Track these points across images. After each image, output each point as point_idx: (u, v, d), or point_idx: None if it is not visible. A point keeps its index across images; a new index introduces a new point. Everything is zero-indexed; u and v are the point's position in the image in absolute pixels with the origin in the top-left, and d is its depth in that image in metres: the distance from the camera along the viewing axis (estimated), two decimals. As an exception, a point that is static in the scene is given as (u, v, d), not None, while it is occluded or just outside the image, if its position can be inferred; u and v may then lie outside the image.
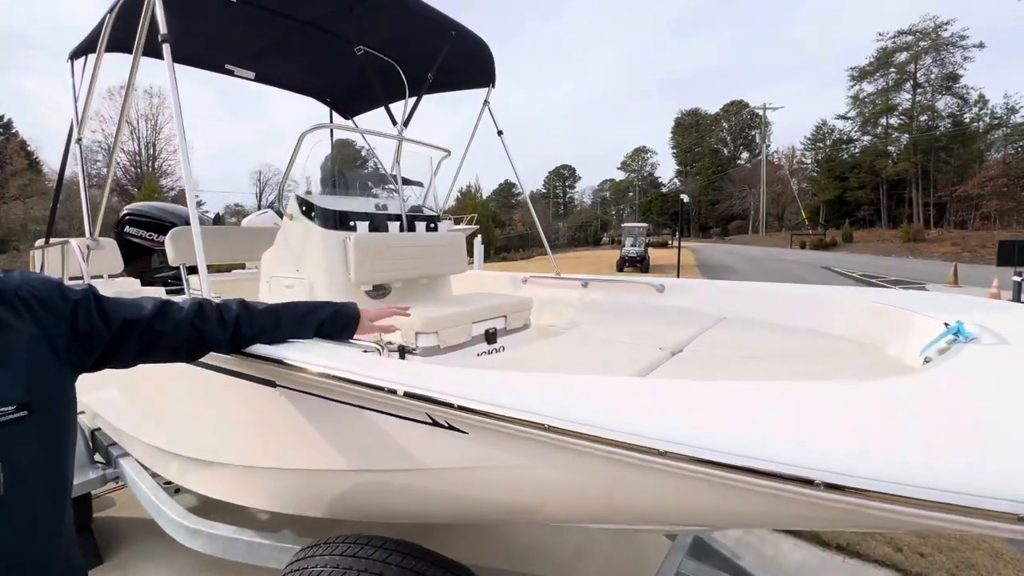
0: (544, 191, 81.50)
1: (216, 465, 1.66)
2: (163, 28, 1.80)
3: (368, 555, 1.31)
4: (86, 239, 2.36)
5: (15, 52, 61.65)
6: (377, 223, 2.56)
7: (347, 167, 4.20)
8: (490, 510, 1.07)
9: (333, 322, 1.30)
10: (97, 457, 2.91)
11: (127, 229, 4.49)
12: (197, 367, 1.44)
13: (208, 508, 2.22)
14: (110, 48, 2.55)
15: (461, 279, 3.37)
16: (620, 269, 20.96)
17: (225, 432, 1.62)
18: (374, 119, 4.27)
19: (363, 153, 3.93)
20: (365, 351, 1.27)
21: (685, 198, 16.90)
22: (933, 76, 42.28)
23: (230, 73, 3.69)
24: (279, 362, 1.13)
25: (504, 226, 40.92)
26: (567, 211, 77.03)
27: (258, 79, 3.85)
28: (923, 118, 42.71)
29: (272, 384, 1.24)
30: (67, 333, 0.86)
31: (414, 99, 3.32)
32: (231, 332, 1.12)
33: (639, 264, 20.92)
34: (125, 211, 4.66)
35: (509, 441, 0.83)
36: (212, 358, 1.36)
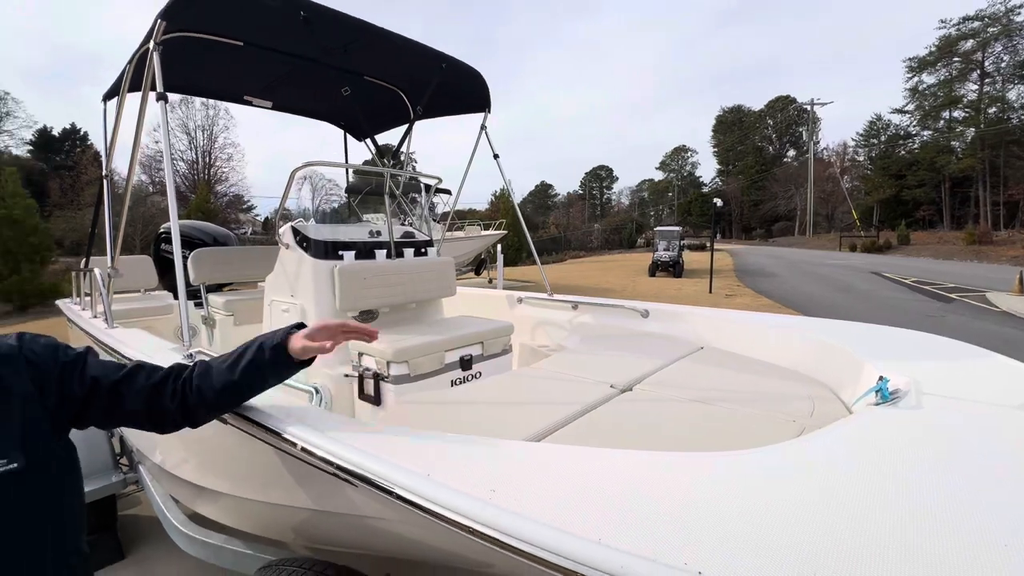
0: (581, 192, 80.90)
1: (196, 487, 1.82)
2: (160, 87, 2.00)
3: (309, 579, 1.42)
4: (108, 267, 2.61)
5: (88, 69, 67.49)
6: (365, 251, 2.70)
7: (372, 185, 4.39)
8: (381, 549, 1.16)
9: (260, 359, 1.13)
10: (124, 460, 3.20)
11: (163, 246, 4.86)
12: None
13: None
14: (131, 90, 2.82)
15: (458, 299, 3.48)
16: (652, 274, 20.54)
17: (202, 457, 1.78)
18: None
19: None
20: (305, 391, 1.37)
21: (719, 202, 16.30)
22: (1004, 65, 39.01)
23: (249, 103, 3.97)
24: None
25: (537, 229, 40.88)
26: (604, 212, 76.15)
27: (275, 107, 4.11)
28: (992, 110, 39.48)
29: (224, 420, 1.38)
30: (56, 393, 0.93)
31: (405, 126, 3.47)
32: (179, 402, 1.09)
33: (672, 269, 20.42)
34: (161, 229, 5.04)
35: (387, 501, 0.91)
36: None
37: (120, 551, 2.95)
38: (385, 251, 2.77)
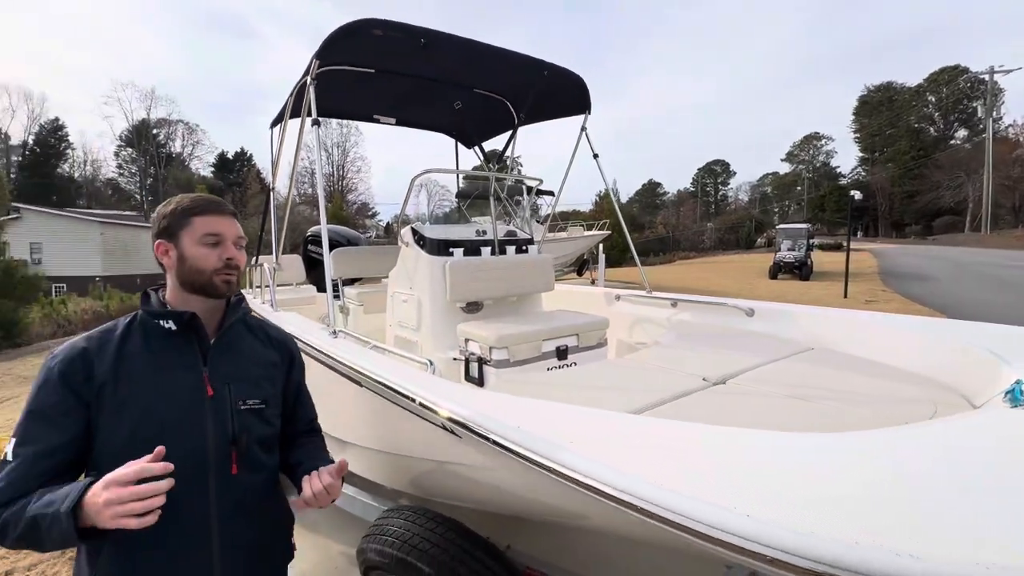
0: (692, 190, 76.22)
1: (339, 441, 2.21)
2: (314, 113, 2.45)
3: (422, 523, 1.68)
4: (273, 263, 3.23)
5: (253, 101, 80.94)
6: (473, 249, 2.99)
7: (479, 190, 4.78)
8: (480, 499, 1.34)
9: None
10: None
11: (309, 247, 5.77)
12: (326, 362, 1.98)
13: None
14: (292, 117, 3.44)
15: (558, 295, 3.64)
16: (773, 277, 18.71)
17: (343, 415, 2.15)
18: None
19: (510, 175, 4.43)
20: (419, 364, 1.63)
21: (857, 195, 14.24)
22: None
23: (377, 121, 4.55)
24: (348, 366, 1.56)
25: (643, 229, 39.43)
26: (718, 210, 70.90)
27: (398, 123, 4.66)
28: None
29: (359, 383, 1.69)
30: (287, 378, 1.28)
31: (510, 132, 3.72)
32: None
33: (798, 271, 18.38)
34: (308, 233, 5.98)
35: (484, 448, 1.09)
36: (323, 353, 1.89)
37: (277, 495, 3.59)
38: (490, 248, 3.03)
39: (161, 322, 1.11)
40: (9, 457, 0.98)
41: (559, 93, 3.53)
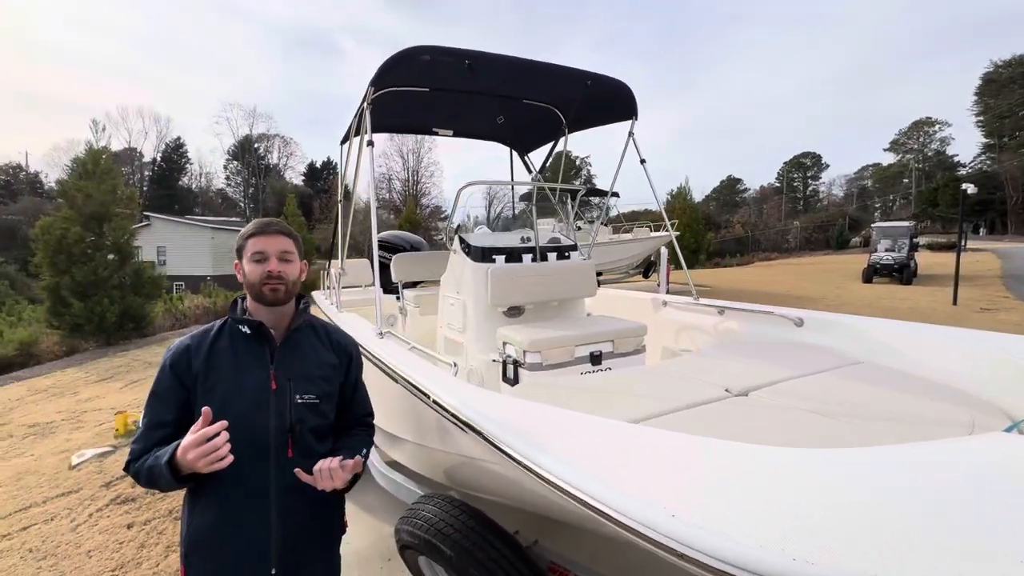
0: (777, 185, 70.71)
1: (390, 435, 2.44)
2: (369, 135, 2.71)
3: (447, 510, 1.84)
4: (339, 268, 3.59)
5: (343, 111, 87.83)
6: (515, 256, 3.12)
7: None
8: (489, 491, 1.46)
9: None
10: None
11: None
12: (372, 360, 2.21)
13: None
14: (356, 135, 3.79)
15: (605, 300, 3.68)
16: (868, 280, 16.95)
17: (388, 410, 2.38)
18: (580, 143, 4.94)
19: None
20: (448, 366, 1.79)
21: (969, 187, 12.46)
22: None
23: (435, 134, 4.83)
24: (387, 364, 1.76)
25: (719, 228, 37.31)
26: (807, 207, 65.23)
27: (455, 134, 4.92)
28: None
29: (395, 380, 1.88)
30: (345, 376, 1.48)
31: (551, 144, 3.81)
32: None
33: (897, 274, 16.48)
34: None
35: (480, 443, 1.22)
36: (368, 352, 2.11)
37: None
38: (531, 255, 3.15)
39: (241, 327, 1.39)
40: (140, 426, 1.32)
41: (606, 101, 3.57)
